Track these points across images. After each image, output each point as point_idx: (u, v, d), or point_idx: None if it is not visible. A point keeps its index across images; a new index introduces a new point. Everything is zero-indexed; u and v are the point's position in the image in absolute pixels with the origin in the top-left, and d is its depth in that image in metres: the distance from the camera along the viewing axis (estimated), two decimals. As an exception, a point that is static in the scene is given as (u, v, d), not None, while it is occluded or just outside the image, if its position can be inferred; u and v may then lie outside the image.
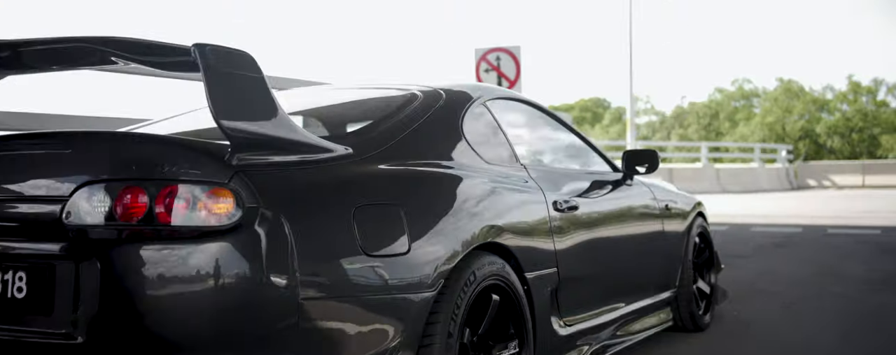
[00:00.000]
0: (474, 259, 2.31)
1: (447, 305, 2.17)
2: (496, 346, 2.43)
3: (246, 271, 1.82)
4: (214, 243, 1.81)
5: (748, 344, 3.77)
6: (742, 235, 9.12)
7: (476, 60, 8.92)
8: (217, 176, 1.84)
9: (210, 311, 1.80)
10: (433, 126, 2.56)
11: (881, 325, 4.15)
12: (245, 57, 1.94)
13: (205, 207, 1.82)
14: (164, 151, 1.89)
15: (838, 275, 5.87)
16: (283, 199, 1.89)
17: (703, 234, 4.17)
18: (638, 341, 3.63)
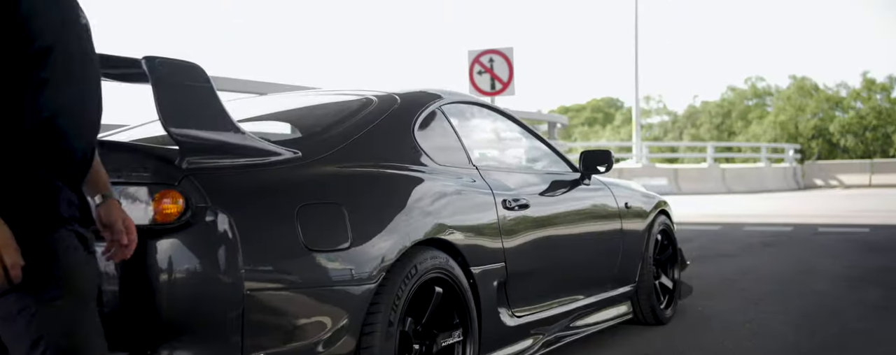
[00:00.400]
0: (417, 254, 2.49)
1: (388, 296, 2.36)
2: (440, 334, 2.61)
3: (195, 265, 2.02)
4: (166, 240, 2.01)
5: (705, 336, 3.93)
6: (733, 234, 9.25)
7: (469, 62, 9.11)
8: (168, 178, 2.04)
9: (162, 302, 2.00)
10: (384, 130, 2.75)
11: (837, 318, 4.29)
12: (194, 68, 2.13)
13: (156, 207, 2.02)
14: (121, 156, 2.09)
15: (814, 272, 6.01)
16: (231, 199, 2.09)
17: (665, 232, 4.34)
18: (596, 332, 3.82)
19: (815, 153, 44.98)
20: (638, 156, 22.08)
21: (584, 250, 3.56)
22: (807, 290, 5.24)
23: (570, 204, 3.49)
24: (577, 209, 3.52)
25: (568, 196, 3.53)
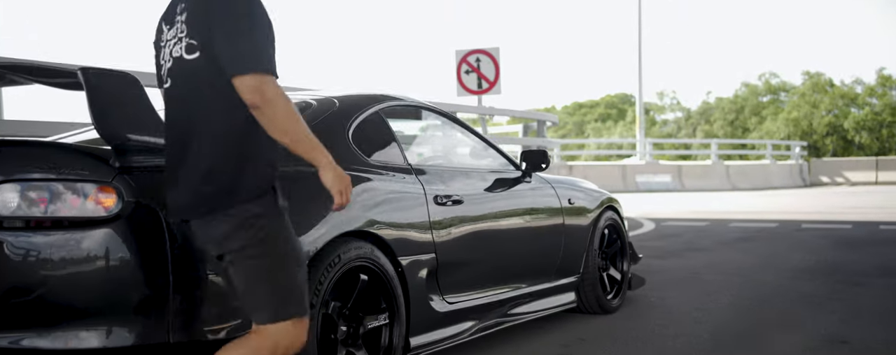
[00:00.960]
0: (341, 245, 2.74)
1: (311, 282, 2.60)
2: (367, 317, 2.86)
3: (125, 252, 2.28)
4: (100, 230, 2.27)
5: (644, 323, 4.15)
6: (716, 230, 9.44)
7: (457, 62, 9.35)
8: (102, 176, 2.30)
9: (95, 284, 2.26)
10: (319, 132, 2.98)
11: (775, 305, 4.50)
12: (127, 77, 2.39)
13: (93, 201, 2.29)
14: (61, 156, 2.36)
15: (777, 266, 6.20)
16: (160, 194, 2.34)
17: (613, 226, 4.56)
18: (541, 318, 4.06)
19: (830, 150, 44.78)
20: (641, 153, 22.21)
21: (522, 242, 3.79)
22: (759, 280, 5.44)
23: (508, 200, 3.72)
24: (514, 204, 3.75)
25: (506, 193, 3.77)
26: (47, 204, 2.30)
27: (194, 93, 2.05)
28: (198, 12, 1.99)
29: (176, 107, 2.12)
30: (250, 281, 2.03)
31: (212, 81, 2.01)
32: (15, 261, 2.27)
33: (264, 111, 1.97)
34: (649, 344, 3.72)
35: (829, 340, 3.73)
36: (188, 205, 2.07)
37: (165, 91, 2.17)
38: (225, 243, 2.03)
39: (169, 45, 2.09)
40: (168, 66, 2.09)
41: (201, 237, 2.10)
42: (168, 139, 2.15)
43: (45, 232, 2.28)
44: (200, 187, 2.03)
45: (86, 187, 2.29)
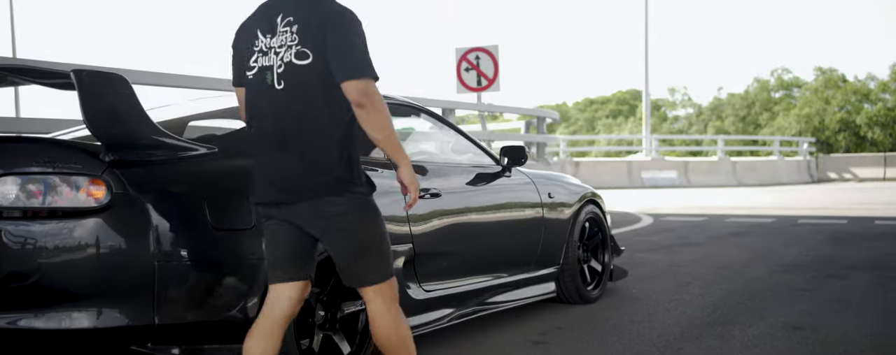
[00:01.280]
0: (318, 234, 2.92)
1: (289, 269, 2.79)
2: (344, 303, 3.05)
3: (114, 240, 2.47)
4: (90, 219, 2.47)
5: (622, 313, 4.32)
6: (712, 225, 9.57)
7: (457, 60, 9.52)
8: (93, 169, 2.50)
9: (87, 269, 2.46)
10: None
11: (750, 296, 4.65)
12: (117, 78, 2.59)
13: (85, 192, 2.48)
14: (56, 151, 2.56)
15: (765, 259, 6.35)
16: (147, 187, 2.54)
17: (594, 220, 4.73)
18: (522, 306, 4.24)
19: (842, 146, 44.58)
20: (647, 150, 22.30)
21: (501, 234, 3.96)
22: (740, 273, 5.59)
23: (486, 193, 3.90)
24: (493, 197, 3.93)
25: (486, 186, 3.94)
26: (43, 195, 2.49)
27: (305, 93, 2.28)
28: (310, 25, 2.26)
29: (283, 105, 2.31)
30: (361, 253, 2.36)
31: (322, 84, 2.27)
32: (13, 248, 2.47)
33: (368, 111, 2.26)
34: (622, 331, 3.89)
35: (787, 327, 3.90)
36: (297, 190, 2.30)
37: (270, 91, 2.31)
38: (336, 222, 2.31)
39: (273, 50, 2.31)
40: (279, 71, 2.30)
41: (304, 218, 2.33)
42: (268, 132, 2.33)
43: (41, 221, 2.48)
44: (311, 174, 2.29)
45: (78, 180, 2.49)
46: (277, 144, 2.32)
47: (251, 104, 2.37)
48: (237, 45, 2.42)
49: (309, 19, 2.27)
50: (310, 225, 2.34)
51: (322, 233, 2.34)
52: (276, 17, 2.32)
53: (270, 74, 2.31)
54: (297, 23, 2.28)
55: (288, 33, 2.30)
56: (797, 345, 3.56)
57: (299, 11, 2.29)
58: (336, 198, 2.30)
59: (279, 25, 2.31)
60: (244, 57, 2.38)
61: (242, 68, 2.39)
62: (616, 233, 8.76)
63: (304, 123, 2.29)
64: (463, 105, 8.98)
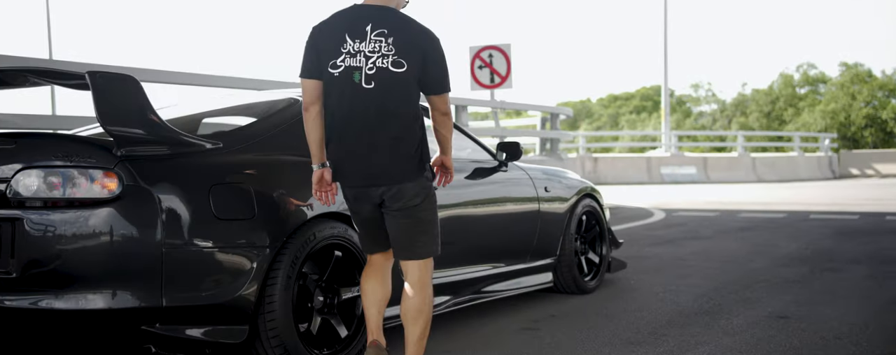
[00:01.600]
0: (317, 224, 3.13)
1: (288, 257, 2.99)
2: (342, 289, 3.25)
3: (125, 228, 2.69)
4: (103, 208, 2.69)
5: (616, 302, 4.48)
6: (722, 220, 9.66)
7: (470, 58, 9.69)
8: (106, 163, 2.71)
9: (101, 253, 2.68)
10: (301, 125, 3.38)
11: (743, 288, 4.79)
12: (128, 79, 2.80)
13: (99, 184, 2.70)
14: (73, 146, 2.78)
15: (766, 253, 6.46)
16: (155, 179, 2.75)
17: (591, 213, 4.89)
18: (517, 296, 4.42)
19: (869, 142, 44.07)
20: (667, 145, 22.31)
21: (496, 225, 4.14)
22: (738, 266, 5.72)
23: (482, 186, 4.08)
24: (489, 190, 4.11)
25: (483, 180, 4.12)
26: (61, 186, 2.72)
27: (392, 94, 2.72)
28: (408, 42, 2.72)
29: (371, 102, 2.72)
30: (420, 229, 2.83)
31: (410, 90, 2.74)
32: (35, 235, 2.69)
33: (448, 117, 2.90)
34: (613, 319, 4.06)
35: (773, 317, 4.04)
36: (386, 175, 2.76)
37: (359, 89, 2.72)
38: (409, 202, 2.78)
39: (362, 54, 2.72)
40: (369, 72, 2.71)
41: (386, 197, 2.79)
42: (356, 124, 2.74)
43: (60, 210, 2.70)
44: (396, 163, 2.75)
45: (93, 173, 2.71)
46: (366, 136, 2.74)
47: (335, 96, 2.75)
48: (316, 43, 2.76)
49: (406, 36, 2.72)
50: (389, 201, 2.79)
51: (396, 211, 2.80)
52: (365, 25, 2.72)
53: (359, 74, 2.71)
54: (391, 36, 2.71)
55: (382, 43, 2.71)
56: (776, 333, 3.71)
57: (391, 26, 2.72)
58: (411, 184, 2.77)
59: (370, 34, 2.72)
60: (326, 55, 2.74)
61: (321, 64, 2.75)
62: (626, 228, 8.91)
63: (389, 119, 2.73)
64: (475, 102, 9.15)
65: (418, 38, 2.73)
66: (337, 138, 2.78)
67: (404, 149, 2.76)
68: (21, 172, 2.77)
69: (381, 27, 2.73)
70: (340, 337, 3.21)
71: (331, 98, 2.77)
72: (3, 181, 2.79)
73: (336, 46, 2.73)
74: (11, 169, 2.79)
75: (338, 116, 2.76)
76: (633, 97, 64.14)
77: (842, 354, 3.35)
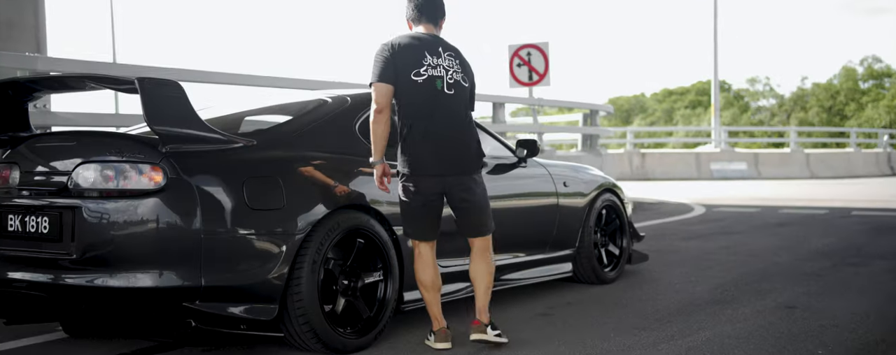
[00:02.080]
0: (341, 214, 3.44)
1: (314, 243, 3.31)
2: (364, 273, 3.55)
3: (168, 215, 3.04)
4: (150, 198, 3.04)
5: (633, 291, 4.70)
6: (761, 215, 9.71)
7: (509, 56, 9.93)
8: (153, 158, 3.07)
9: (148, 238, 3.03)
10: (330, 124, 3.71)
11: (761, 280, 4.94)
12: (172, 84, 3.15)
13: (146, 177, 3.06)
14: (125, 143, 3.15)
15: (795, 248, 6.56)
16: (195, 173, 3.10)
17: (611, 207, 5.11)
18: (537, 284, 4.68)
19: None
20: (717, 141, 22.13)
21: (515, 218, 4.39)
22: (764, 261, 5.85)
23: (500, 181, 4.33)
24: (507, 185, 4.37)
25: (504, 176, 4.38)
26: (115, 179, 3.09)
27: (462, 100, 3.46)
28: (466, 65, 3.53)
29: (449, 104, 3.41)
30: (484, 211, 3.49)
31: (471, 99, 3.55)
32: (91, 222, 3.06)
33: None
34: (625, 307, 4.28)
35: (780, 307, 4.21)
36: (459, 167, 3.41)
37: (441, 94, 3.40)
38: (471, 191, 3.44)
39: (440, 67, 3.42)
40: (449, 81, 3.43)
41: (452, 187, 3.41)
42: (440, 122, 3.38)
43: (113, 200, 3.07)
44: (469, 155, 3.44)
45: (142, 167, 3.07)
46: (449, 132, 3.39)
47: (420, 98, 3.37)
48: (399, 56, 3.37)
49: (464, 60, 3.53)
50: (457, 189, 3.41)
51: (464, 196, 3.42)
52: (438, 47, 3.45)
53: (441, 82, 3.39)
54: (457, 58, 3.49)
55: (452, 61, 3.46)
56: (777, 321, 3.89)
57: (453, 51, 3.50)
58: (476, 174, 3.47)
59: (442, 54, 3.45)
60: (405, 66, 3.36)
61: (405, 72, 3.36)
62: (662, 222, 9.05)
63: (462, 120, 3.44)
64: (513, 99, 9.39)
65: (466, 63, 3.54)
66: (421, 134, 3.36)
67: (473, 145, 3.46)
68: (80, 166, 3.14)
69: (449, 51, 3.48)
70: (362, 317, 3.52)
71: (414, 99, 3.36)
72: (65, 174, 3.17)
73: (417, 60, 3.37)
74: (72, 163, 3.17)
75: (421, 115, 3.36)
76: (689, 92, 63.15)
77: (836, 340, 3.52)
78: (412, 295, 3.77)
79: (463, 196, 3.42)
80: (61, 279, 3.11)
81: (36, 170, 3.30)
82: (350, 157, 3.63)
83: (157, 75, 5.32)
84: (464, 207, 3.44)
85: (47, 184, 3.22)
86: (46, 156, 3.32)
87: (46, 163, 3.29)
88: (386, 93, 3.36)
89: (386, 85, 3.35)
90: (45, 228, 3.16)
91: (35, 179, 3.27)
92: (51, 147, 3.38)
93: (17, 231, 3.23)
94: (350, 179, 3.55)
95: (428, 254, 3.49)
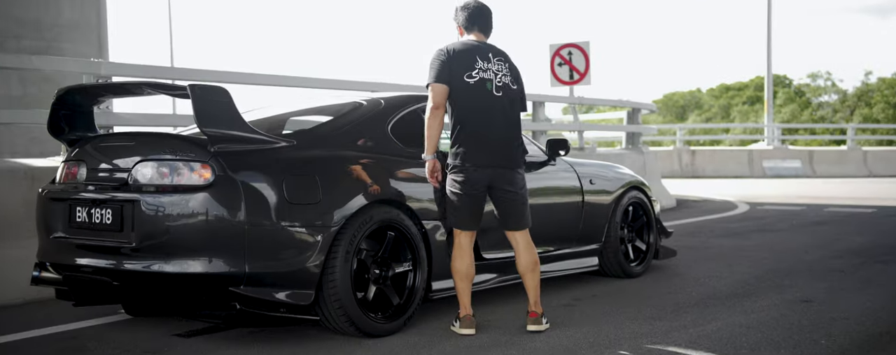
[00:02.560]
0: (373, 208, 3.73)
1: (348, 235, 3.61)
2: (394, 263, 3.85)
3: (216, 208, 3.37)
4: (200, 193, 3.38)
5: (658, 285, 4.89)
6: (805, 214, 9.71)
7: (550, 55, 10.12)
8: (203, 157, 3.41)
9: (199, 229, 3.37)
10: (365, 125, 4.01)
11: (785, 276, 5.07)
12: (220, 90, 3.48)
13: (197, 174, 3.40)
14: (178, 143, 3.50)
15: (828, 246, 6.63)
16: (240, 170, 3.43)
17: (638, 204, 5.31)
18: (565, 277, 4.91)
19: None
20: (770, 138, 21.86)
21: (543, 214, 4.61)
22: (794, 258, 5.96)
23: (532, 179, 4.54)
24: (538, 183, 4.60)
25: (533, 174, 4.60)
26: (169, 175, 3.44)
27: (511, 102, 3.85)
28: (515, 70, 3.93)
29: (499, 105, 3.80)
30: (521, 205, 3.84)
31: (520, 101, 3.92)
32: (148, 214, 3.42)
33: None
34: (647, 300, 4.49)
35: (796, 301, 4.36)
36: (505, 162, 3.79)
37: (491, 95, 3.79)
38: (514, 184, 3.81)
39: (490, 71, 3.82)
40: (498, 84, 3.82)
41: (497, 180, 3.78)
42: (492, 122, 3.77)
43: (168, 194, 3.42)
44: (516, 152, 3.84)
45: (193, 164, 3.41)
46: (497, 130, 3.77)
47: (472, 98, 3.76)
48: (454, 60, 3.76)
49: (513, 66, 3.92)
50: (502, 181, 3.78)
51: (508, 188, 3.79)
52: (488, 53, 3.85)
53: (490, 84, 3.79)
54: (506, 63, 3.88)
55: (502, 65, 3.85)
56: (791, 313, 4.05)
57: (503, 56, 3.90)
58: (520, 169, 3.85)
59: (492, 59, 3.84)
60: (460, 69, 3.75)
61: (458, 74, 3.75)
62: (703, 220, 9.14)
63: (509, 119, 3.81)
64: (553, 98, 9.58)
65: (515, 67, 3.93)
66: (472, 131, 3.73)
67: (518, 142, 3.85)
68: (139, 164, 3.51)
69: (498, 57, 3.87)
70: (392, 304, 3.81)
71: (466, 100, 3.75)
72: (125, 170, 3.54)
73: (470, 64, 3.76)
74: (132, 161, 3.54)
75: (474, 113, 3.75)
76: (747, 87, 61.92)
77: (842, 331, 3.68)
78: (440, 285, 4.05)
79: (507, 187, 3.78)
80: (122, 265, 3.47)
81: (100, 167, 3.68)
82: (383, 156, 3.92)
83: (211, 78, 5.77)
84: (507, 198, 3.79)
85: (110, 180, 3.60)
86: (109, 154, 3.70)
87: (109, 160, 3.67)
88: (442, 92, 3.73)
89: (442, 85, 3.73)
90: (108, 219, 3.53)
91: (99, 175, 3.65)
92: (113, 146, 3.76)
93: (84, 222, 3.61)
94: (382, 177, 3.84)
95: (467, 245, 3.82)
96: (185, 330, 3.84)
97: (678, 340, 3.58)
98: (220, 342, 3.65)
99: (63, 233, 3.69)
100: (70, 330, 3.92)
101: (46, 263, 3.79)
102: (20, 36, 10.30)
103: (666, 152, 20.47)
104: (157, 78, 5.67)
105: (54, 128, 3.95)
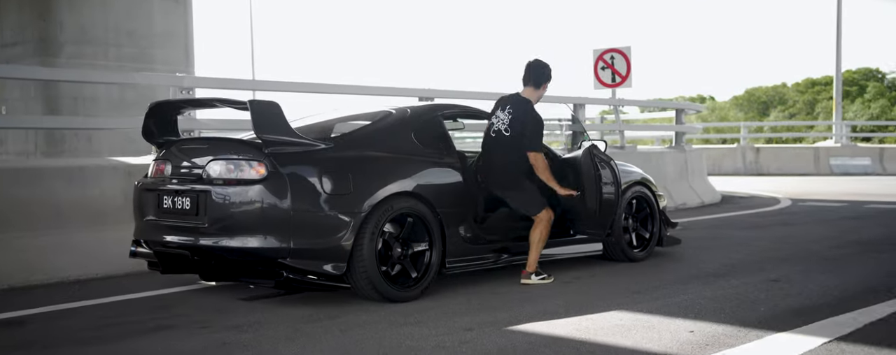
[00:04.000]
0: (394, 198, 4.60)
1: (374, 219, 4.49)
2: (413, 243, 4.71)
3: (268, 197, 4.30)
4: (257, 185, 4.31)
5: (653, 268, 5.58)
6: (842, 210, 10.06)
7: (594, 59, 10.79)
8: (260, 157, 4.35)
9: (255, 213, 4.31)
10: (392, 131, 4.88)
11: (778, 262, 5.66)
12: (273, 104, 4.41)
13: (255, 170, 4.34)
14: (240, 145, 4.46)
15: (838, 238, 7.11)
16: (287, 167, 4.34)
17: (641, 198, 6.01)
18: (570, 259, 5.68)
19: None
20: (838, 136, 21.73)
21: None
22: (799, 248, 6.50)
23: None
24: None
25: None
26: (234, 171, 4.39)
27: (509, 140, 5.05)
28: (515, 118, 5.05)
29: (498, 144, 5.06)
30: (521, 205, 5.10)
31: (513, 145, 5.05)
32: (217, 201, 4.37)
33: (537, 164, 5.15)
34: (636, 278, 5.20)
35: (766, 280, 5.00)
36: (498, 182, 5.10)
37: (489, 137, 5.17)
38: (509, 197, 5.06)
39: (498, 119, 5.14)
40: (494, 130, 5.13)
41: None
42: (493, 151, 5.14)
43: (232, 186, 4.36)
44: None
45: (252, 163, 4.35)
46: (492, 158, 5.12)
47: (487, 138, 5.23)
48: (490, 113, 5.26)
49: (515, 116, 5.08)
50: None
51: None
52: (507, 105, 5.16)
53: (493, 129, 5.17)
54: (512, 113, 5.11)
55: (506, 116, 5.10)
56: (753, 290, 4.70)
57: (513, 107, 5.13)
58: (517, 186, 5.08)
59: (504, 109, 5.13)
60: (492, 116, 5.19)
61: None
62: (736, 214, 9.65)
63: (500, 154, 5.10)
64: (594, 100, 10.25)
65: (521, 118, 5.06)
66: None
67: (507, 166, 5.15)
68: (211, 162, 4.47)
69: (509, 106, 5.20)
70: (412, 277, 4.67)
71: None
72: (200, 167, 4.51)
73: (494, 113, 5.28)
74: (205, 160, 4.51)
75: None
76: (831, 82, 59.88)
77: (786, 303, 4.32)
78: (453, 262, 4.89)
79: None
80: (198, 242, 4.44)
81: (181, 164, 4.67)
82: (405, 157, 4.79)
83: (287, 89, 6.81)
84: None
85: (189, 175, 4.58)
86: (188, 154, 4.68)
87: (188, 159, 4.65)
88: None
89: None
90: (188, 206, 4.50)
91: (181, 171, 4.64)
92: (191, 148, 4.74)
93: (170, 208, 4.59)
94: (403, 173, 4.71)
95: (548, 220, 5.13)
96: (248, 295, 4.79)
97: (645, 308, 4.30)
98: (273, 304, 4.58)
99: (153, 216, 4.69)
100: (160, 294, 4.92)
101: (141, 241, 4.80)
102: (120, 44, 11.71)
103: (730, 150, 20.67)
104: (230, 88, 6.71)
105: (146, 133, 4.96)
